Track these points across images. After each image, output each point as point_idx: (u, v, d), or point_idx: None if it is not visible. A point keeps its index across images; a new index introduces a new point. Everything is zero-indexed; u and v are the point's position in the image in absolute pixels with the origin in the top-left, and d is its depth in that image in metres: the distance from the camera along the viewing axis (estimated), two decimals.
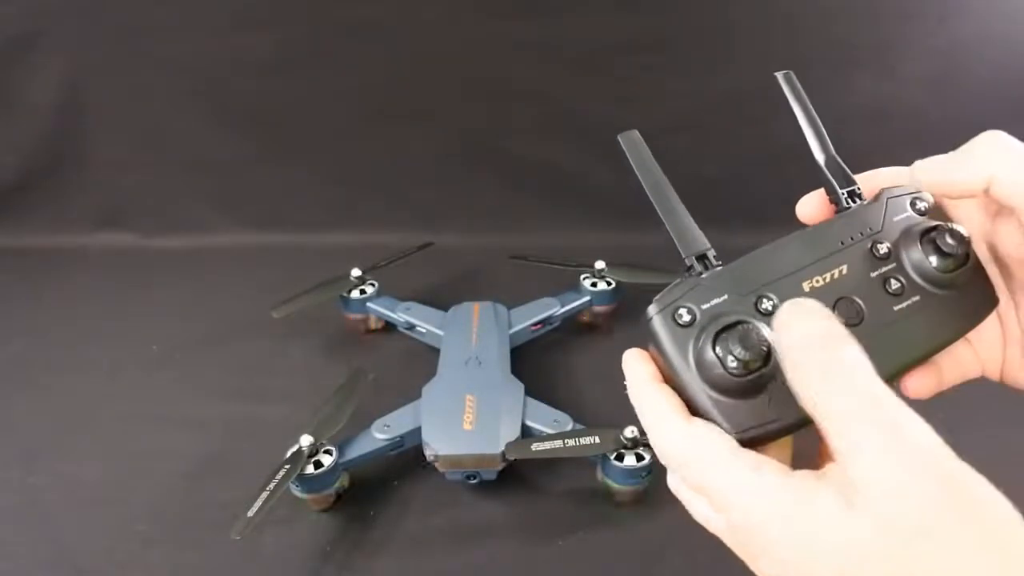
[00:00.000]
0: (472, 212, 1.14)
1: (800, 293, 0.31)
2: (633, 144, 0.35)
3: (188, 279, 1.06)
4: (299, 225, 1.15)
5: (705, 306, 0.30)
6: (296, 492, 0.63)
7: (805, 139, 0.38)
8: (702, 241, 0.33)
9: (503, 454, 0.64)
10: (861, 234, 0.33)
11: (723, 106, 1.07)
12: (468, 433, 0.66)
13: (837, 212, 0.36)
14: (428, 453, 0.65)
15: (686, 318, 0.30)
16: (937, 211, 0.35)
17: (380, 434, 0.67)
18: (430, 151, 1.12)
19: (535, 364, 0.83)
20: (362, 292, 0.89)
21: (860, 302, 0.32)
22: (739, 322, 0.29)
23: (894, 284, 0.32)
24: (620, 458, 0.63)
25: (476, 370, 0.74)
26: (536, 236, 1.10)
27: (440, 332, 0.82)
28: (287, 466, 0.60)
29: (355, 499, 0.67)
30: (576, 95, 1.07)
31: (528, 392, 0.71)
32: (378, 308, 0.89)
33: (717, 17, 1.01)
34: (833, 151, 0.38)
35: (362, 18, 1.02)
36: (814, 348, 0.26)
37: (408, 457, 0.69)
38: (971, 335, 0.34)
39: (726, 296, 0.31)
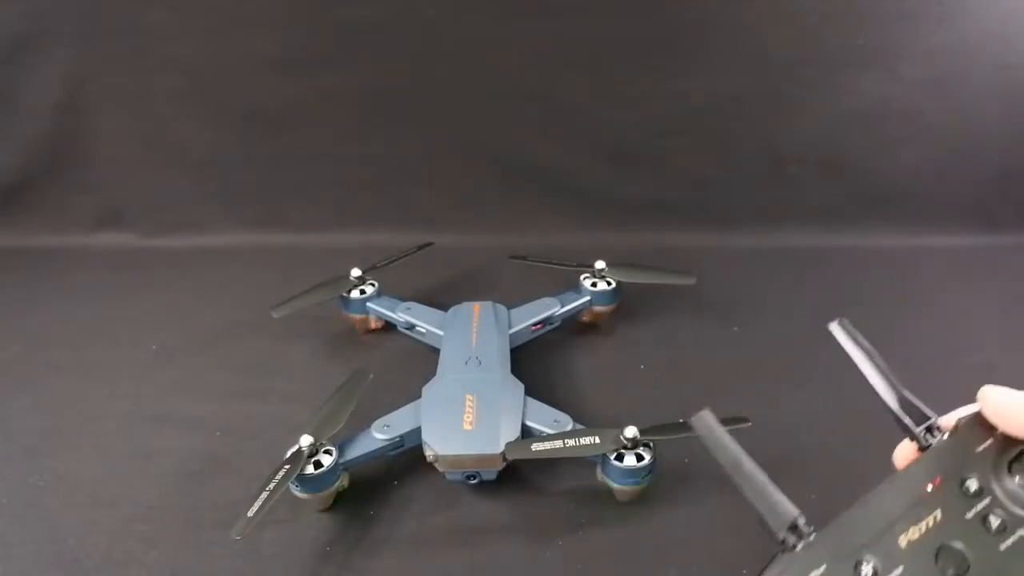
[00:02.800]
0: (472, 212, 1.14)
1: (897, 550, 0.30)
2: (705, 425, 0.35)
3: (188, 279, 1.06)
4: (299, 225, 1.15)
5: None
6: (296, 492, 0.63)
7: (869, 381, 0.36)
8: (790, 510, 0.32)
9: (503, 454, 0.63)
10: (947, 473, 0.32)
11: (723, 106, 1.07)
12: (468, 433, 0.66)
13: (920, 451, 0.35)
14: (428, 453, 0.65)
15: None
16: None
17: (380, 434, 0.67)
18: (430, 151, 1.12)
19: (535, 364, 0.83)
20: (362, 292, 0.89)
21: (962, 548, 0.30)
22: None
23: (994, 521, 0.30)
24: (620, 458, 0.62)
25: (476, 370, 0.74)
26: (536, 236, 1.10)
27: (440, 332, 0.82)
28: (287, 466, 0.60)
29: (355, 499, 0.67)
30: (576, 95, 1.07)
31: (528, 392, 0.71)
32: (378, 308, 0.89)
33: (718, 17, 1.01)
34: (904, 391, 0.36)
35: (362, 18, 1.02)
36: None
37: (408, 457, 0.69)
38: None
39: (825, 566, 0.30)
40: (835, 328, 0.37)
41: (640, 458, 0.62)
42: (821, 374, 0.80)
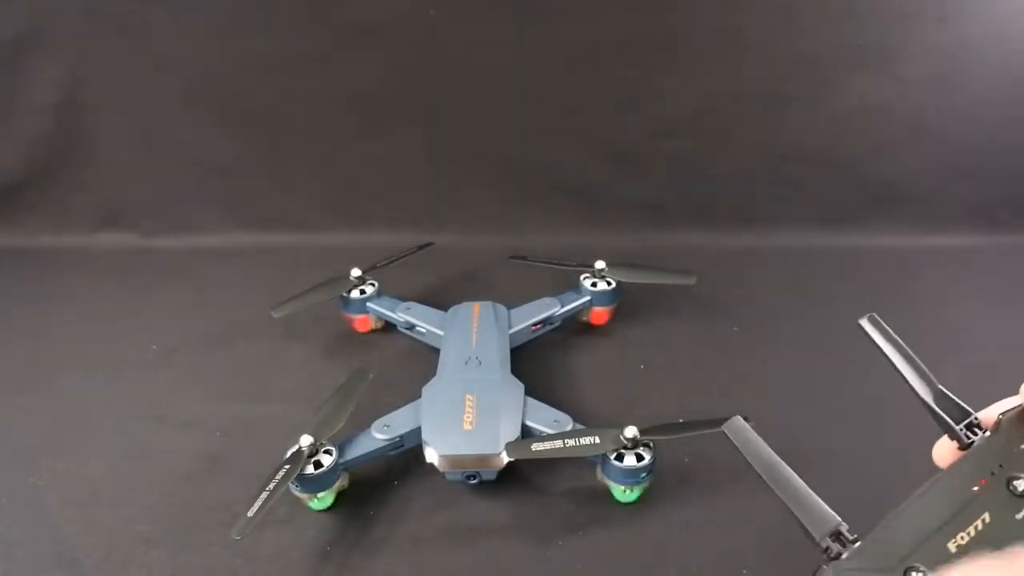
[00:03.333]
0: (472, 212, 1.14)
1: (948, 556, 0.29)
2: (738, 432, 0.35)
3: (188, 279, 1.06)
4: (299, 225, 1.15)
5: None
6: (296, 492, 0.63)
7: (904, 377, 0.36)
8: (832, 517, 0.31)
9: (503, 454, 0.64)
10: (993, 473, 0.31)
11: (723, 106, 1.07)
12: (468, 433, 0.66)
13: (960, 449, 0.34)
14: (428, 453, 0.65)
15: None
16: None
17: (380, 434, 0.67)
18: (430, 151, 1.12)
19: (535, 364, 0.83)
20: (362, 292, 0.89)
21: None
22: None
23: None
24: (620, 458, 0.62)
25: (476, 370, 0.74)
26: (536, 236, 1.10)
27: (440, 332, 0.82)
28: (287, 466, 0.60)
29: (355, 499, 0.67)
30: (576, 95, 1.07)
31: (528, 392, 0.71)
32: (378, 308, 0.89)
33: (718, 17, 1.01)
34: (940, 387, 0.35)
35: (362, 18, 1.02)
36: None
37: (408, 457, 0.69)
38: None
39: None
40: (866, 324, 0.37)
41: (640, 458, 0.62)
42: (821, 374, 0.80)
